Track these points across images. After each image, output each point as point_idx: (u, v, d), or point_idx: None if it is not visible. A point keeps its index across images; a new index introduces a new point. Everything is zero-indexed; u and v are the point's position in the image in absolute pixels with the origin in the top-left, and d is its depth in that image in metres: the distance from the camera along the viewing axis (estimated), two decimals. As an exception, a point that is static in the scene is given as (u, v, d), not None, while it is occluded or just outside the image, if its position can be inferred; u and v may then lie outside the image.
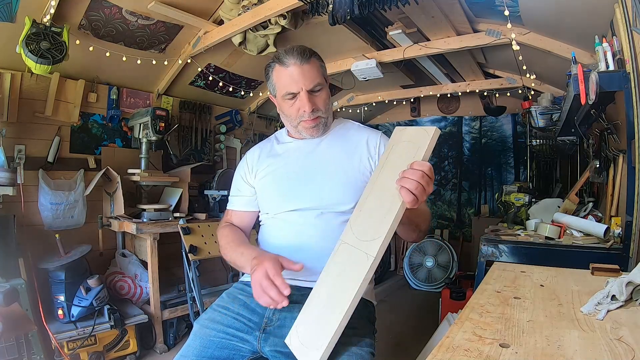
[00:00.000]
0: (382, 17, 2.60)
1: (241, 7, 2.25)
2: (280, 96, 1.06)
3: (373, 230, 0.78)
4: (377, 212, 0.80)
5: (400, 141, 0.85)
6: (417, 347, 1.89)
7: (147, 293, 2.37)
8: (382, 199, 0.80)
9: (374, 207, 0.82)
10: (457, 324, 0.69)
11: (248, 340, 0.95)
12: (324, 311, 0.79)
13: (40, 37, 1.95)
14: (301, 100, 1.03)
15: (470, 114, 4.21)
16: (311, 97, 1.03)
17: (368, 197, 0.85)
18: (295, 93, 1.03)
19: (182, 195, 2.67)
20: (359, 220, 0.84)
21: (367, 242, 0.78)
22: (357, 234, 0.82)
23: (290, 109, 1.06)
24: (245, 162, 1.20)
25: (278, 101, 1.10)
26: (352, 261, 0.80)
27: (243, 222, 1.20)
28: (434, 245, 3.86)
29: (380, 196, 0.82)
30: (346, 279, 0.79)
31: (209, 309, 1.04)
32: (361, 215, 0.84)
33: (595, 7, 1.73)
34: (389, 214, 0.77)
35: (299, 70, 1.01)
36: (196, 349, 0.93)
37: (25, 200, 2.22)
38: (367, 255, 0.77)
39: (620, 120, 1.69)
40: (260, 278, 0.83)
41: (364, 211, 0.84)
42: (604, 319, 0.70)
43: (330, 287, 0.82)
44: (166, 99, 3.07)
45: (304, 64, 1.02)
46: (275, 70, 1.06)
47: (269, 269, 0.83)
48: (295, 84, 1.02)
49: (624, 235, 1.51)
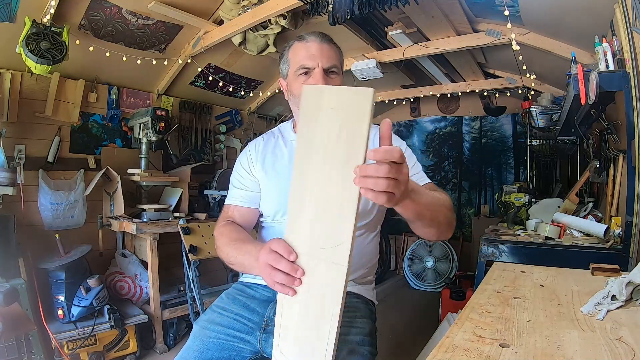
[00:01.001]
0: (382, 17, 2.60)
1: (241, 7, 2.25)
2: (293, 72, 1.00)
3: (331, 234, 0.63)
4: (326, 213, 0.64)
5: (322, 108, 0.64)
6: (417, 347, 1.89)
7: (147, 293, 2.37)
8: (328, 194, 0.63)
9: (319, 206, 0.65)
10: (457, 324, 0.69)
11: (249, 340, 0.94)
12: (305, 331, 0.69)
13: (40, 37, 1.95)
14: (314, 77, 0.96)
15: (470, 114, 4.21)
16: (325, 78, 0.97)
17: (304, 194, 0.67)
18: (310, 68, 0.97)
19: (182, 195, 2.67)
20: (301, 226, 0.68)
21: (330, 249, 0.63)
22: (308, 244, 0.67)
23: (301, 87, 0.94)
24: (249, 152, 1.12)
25: (289, 81, 1.03)
26: (315, 273, 0.66)
27: (245, 219, 1.08)
28: (434, 245, 3.86)
29: (324, 191, 0.64)
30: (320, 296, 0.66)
31: (208, 310, 1.03)
32: (303, 218, 0.67)
33: (595, 7, 1.73)
34: (347, 212, 0.61)
35: (318, 47, 0.98)
36: (196, 351, 0.92)
37: (25, 200, 2.22)
38: (338, 265, 0.62)
39: (620, 120, 1.68)
40: (263, 256, 0.72)
41: (305, 212, 0.67)
42: (604, 319, 0.70)
43: (303, 305, 0.69)
44: (166, 99, 3.07)
45: (324, 43, 0.99)
46: (292, 47, 1.02)
47: (272, 244, 0.72)
48: (312, 59, 0.97)
49: (624, 235, 1.51)
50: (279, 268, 0.68)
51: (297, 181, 0.68)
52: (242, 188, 1.10)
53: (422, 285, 3.81)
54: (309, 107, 0.66)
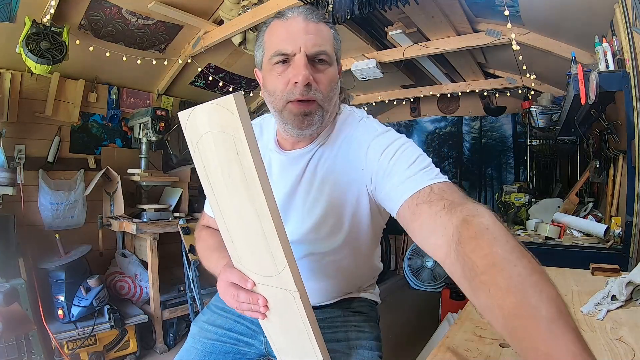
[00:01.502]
0: (382, 17, 2.60)
1: (241, 7, 2.25)
2: (267, 60, 0.73)
3: (268, 261, 0.58)
4: (254, 240, 0.59)
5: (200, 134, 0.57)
6: (417, 347, 1.89)
7: (147, 293, 2.37)
8: (247, 225, 0.58)
9: (246, 237, 0.61)
10: (457, 324, 0.69)
11: (253, 344, 0.90)
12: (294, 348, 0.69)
13: (40, 37, 1.95)
14: (295, 67, 0.69)
15: (470, 114, 4.21)
16: (310, 68, 0.70)
17: (229, 226, 0.63)
18: (289, 54, 0.70)
19: (182, 195, 2.67)
20: (243, 255, 0.64)
21: (274, 277, 0.59)
22: (256, 272, 0.63)
23: (277, 79, 0.71)
24: None
25: (263, 72, 0.76)
26: (276, 299, 0.63)
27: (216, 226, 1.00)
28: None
29: (242, 222, 0.59)
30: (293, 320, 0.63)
31: (206, 310, 0.99)
32: (239, 245, 0.64)
33: (595, 7, 1.73)
34: (271, 239, 0.55)
35: (302, 26, 0.70)
36: (198, 354, 0.89)
37: (25, 200, 2.21)
38: (290, 292, 0.59)
39: (620, 120, 1.69)
40: (222, 288, 0.69)
41: (238, 238, 0.63)
42: (604, 319, 0.70)
43: (283, 327, 0.68)
44: (166, 99, 3.07)
45: (310, 22, 0.71)
46: (269, 27, 0.75)
47: (228, 274, 0.68)
48: (291, 41, 0.69)
49: (624, 235, 1.51)
50: (240, 301, 0.66)
51: (218, 214, 0.63)
52: None
53: (422, 285, 3.81)
54: (190, 136, 0.58)
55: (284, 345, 0.72)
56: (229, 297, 0.68)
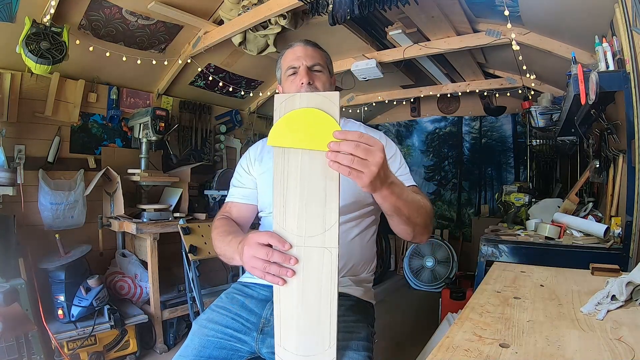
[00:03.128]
0: (382, 17, 2.60)
1: (241, 7, 2.25)
2: (284, 74, 1.12)
3: (319, 221, 0.69)
4: (312, 200, 0.70)
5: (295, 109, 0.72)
6: (417, 347, 1.89)
7: (147, 293, 2.37)
8: (311, 182, 0.70)
9: (304, 195, 0.71)
10: (457, 324, 0.69)
11: (246, 341, 0.95)
12: (307, 318, 0.72)
13: (40, 37, 1.95)
14: (300, 74, 1.08)
15: (470, 114, 4.21)
16: (309, 73, 1.07)
17: (288, 185, 0.72)
18: (297, 67, 1.09)
19: (182, 195, 2.67)
20: (290, 219, 0.72)
21: (319, 236, 0.70)
22: (297, 233, 0.71)
23: (291, 84, 1.09)
24: (248, 154, 1.22)
25: (283, 84, 1.14)
26: (310, 260, 0.71)
27: (241, 215, 1.17)
28: (434, 245, 3.86)
29: (306, 180, 0.70)
30: (317, 281, 0.70)
31: (207, 310, 1.04)
32: (290, 210, 0.72)
33: (595, 7, 1.73)
34: (330, 197, 0.68)
35: (303, 49, 1.10)
36: (195, 349, 0.93)
37: (25, 200, 2.21)
38: (329, 250, 0.69)
39: (620, 120, 1.68)
40: (252, 250, 0.74)
41: (291, 204, 0.72)
42: (604, 319, 0.70)
43: (301, 293, 0.72)
44: (166, 99, 3.07)
45: (308, 46, 1.12)
46: (283, 55, 1.15)
47: (258, 237, 0.74)
48: (297, 59, 1.09)
49: (624, 235, 1.51)
50: (273, 260, 0.71)
51: (280, 174, 0.72)
52: (239, 186, 1.19)
53: (422, 285, 3.81)
54: (284, 110, 0.71)
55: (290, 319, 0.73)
56: (261, 256, 0.72)
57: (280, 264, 0.71)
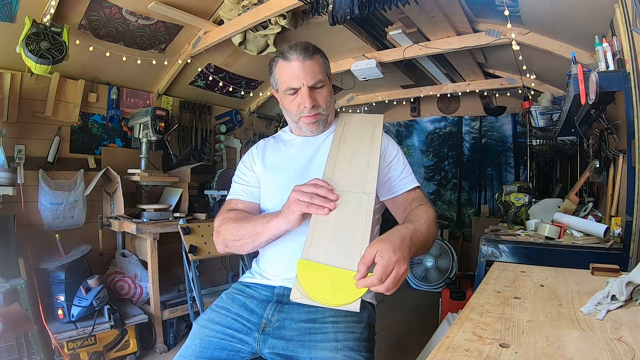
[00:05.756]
0: (382, 17, 2.60)
1: (241, 7, 2.25)
2: (282, 91, 1.07)
3: (361, 176, 0.90)
4: (356, 162, 0.93)
5: (350, 121, 1.06)
6: (417, 347, 1.89)
7: (147, 293, 2.37)
8: (355, 153, 0.96)
9: (350, 159, 0.94)
10: (457, 324, 0.69)
11: (247, 341, 0.94)
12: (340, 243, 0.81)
13: (40, 37, 1.95)
14: (302, 96, 1.03)
15: (470, 114, 4.21)
16: (312, 93, 1.03)
17: (342, 150, 0.97)
18: (297, 88, 1.03)
19: (182, 195, 2.67)
20: (338, 172, 0.92)
21: (361, 184, 0.88)
22: (344, 182, 0.89)
23: (291, 104, 1.06)
24: (251, 153, 1.19)
25: (280, 96, 1.10)
26: (350, 202, 0.86)
27: (248, 211, 1.12)
28: (434, 245, 3.86)
29: (353, 147, 0.97)
30: (351, 216, 0.84)
31: (208, 310, 1.04)
32: (339, 168, 0.93)
33: (595, 7, 1.73)
34: (373, 156, 0.93)
35: (301, 66, 1.01)
36: (195, 350, 0.92)
37: (25, 200, 2.21)
38: (367, 194, 0.86)
39: (620, 120, 1.68)
40: (297, 194, 0.86)
41: (341, 164, 0.94)
42: (604, 319, 0.70)
43: (335, 224, 0.84)
44: (166, 99, 3.07)
45: (307, 60, 1.02)
46: (278, 65, 1.06)
47: (303, 185, 0.88)
48: (296, 79, 1.02)
49: (624, 235, 1.51)
50: (318, 193, 0.85)
51: (335, 147, 0.99)
52: (242, 183, 1.16)
53: (423, 285, 3.81)
54: (342, 121, 1.08)
55: (321, 246, 0.82)
56: (308, 190, 0.86)
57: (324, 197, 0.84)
